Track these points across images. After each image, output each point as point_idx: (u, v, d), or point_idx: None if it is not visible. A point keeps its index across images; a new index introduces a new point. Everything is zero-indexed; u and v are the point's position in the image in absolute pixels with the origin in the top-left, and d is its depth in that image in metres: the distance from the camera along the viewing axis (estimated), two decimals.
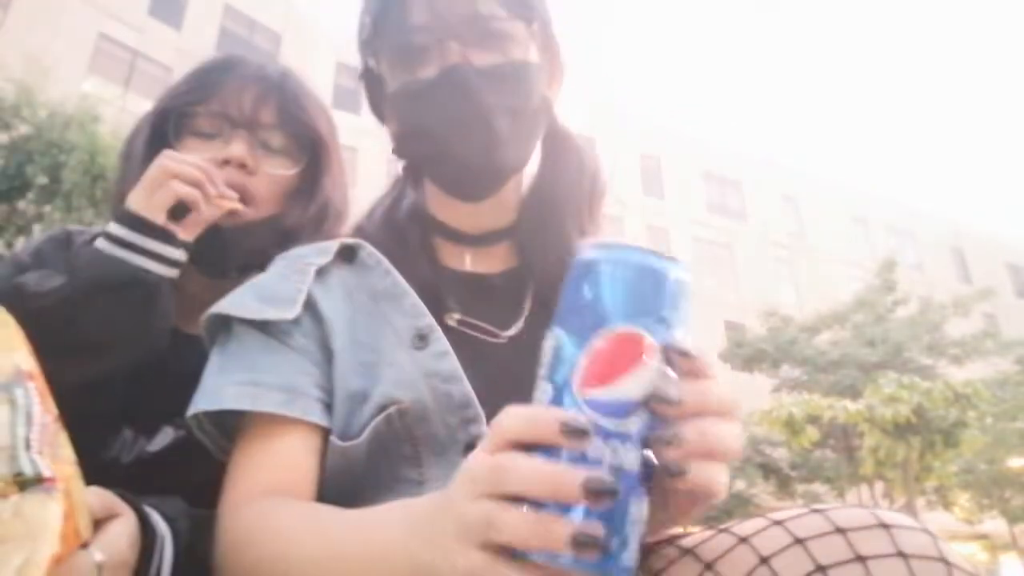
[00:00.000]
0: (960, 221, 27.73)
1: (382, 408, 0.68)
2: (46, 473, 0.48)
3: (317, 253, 0.79)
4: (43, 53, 9.42)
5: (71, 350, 0.78)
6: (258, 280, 0.78)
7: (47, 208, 7.57)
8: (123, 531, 0.59)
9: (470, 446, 0.67)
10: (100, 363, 0.83)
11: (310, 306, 0.74)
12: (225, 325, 0.75)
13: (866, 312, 14.76)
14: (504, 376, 0.70)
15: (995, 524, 15.77)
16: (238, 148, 0.93)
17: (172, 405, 0.89)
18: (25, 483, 0.47)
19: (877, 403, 10.51)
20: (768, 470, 14.25)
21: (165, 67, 14.87)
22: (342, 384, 0.71)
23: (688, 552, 0.41)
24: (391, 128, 0.83)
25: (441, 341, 0.70)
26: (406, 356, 0.70)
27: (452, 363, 0.69)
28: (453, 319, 0.76)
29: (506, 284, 0.81)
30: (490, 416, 0.67)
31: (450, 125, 0.74)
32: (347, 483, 0.71)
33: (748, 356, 15.04)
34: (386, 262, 0.77)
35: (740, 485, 14.05)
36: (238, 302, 0.75)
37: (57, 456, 0.51)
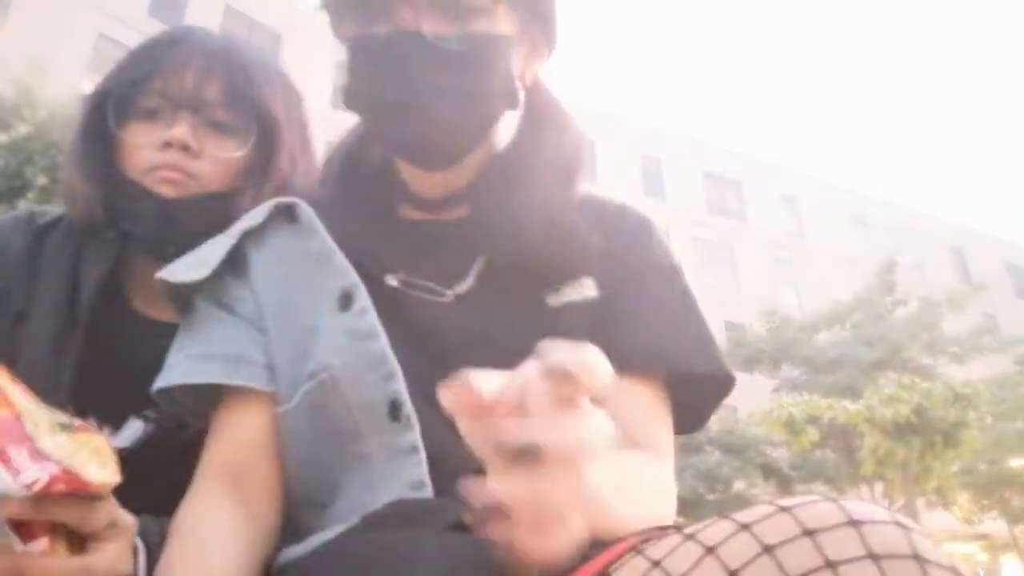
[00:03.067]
0: (960, 221, 27.76)
1: (314, 375, 0.67)
2: (77, 422, 0.53)
3: (250, 217, 0.77)
4: (43, 53, 9.42)
5: None
6: (200, 247, 0.77)
7: (47, 208, 7.57)
8: (131, 540, 0.60)
9: (393, 405, 0.64)
10: None
11: (247, 269, 0.74)
12: (188, 300, 0.75)
13: (865, 312, 14.76)
14: (442, 341, 0.69)
15: (995, 524, 15.77)
16: (180, 130, 0.87)
17: (138, 393, 0.87)
18: (65, 427, 0.52)
19: (877, 403, 10.51)
20: (768, 470, 14.24)
21: None
22: (280, 351, 0.70)
23: (656, 565, 0.40)
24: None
25: (363, 299, 0.68)
26: (334, 319, 0.68)
27: (371, 320, 0.67)
28: (395, 280, 0.72)
29: (456, 231, 0.75)
30: (423, 378, 0.63)
31: (389, 99, 0.68)
32: (296, 458, 0.70)
33: (748, 356, 15.02)
34: (316, 221, 0.73)
35: (740, 486, 14.05)
36: (170, 268, 0.74)
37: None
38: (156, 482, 0.85)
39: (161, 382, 0.72)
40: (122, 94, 0.90)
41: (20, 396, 0.52)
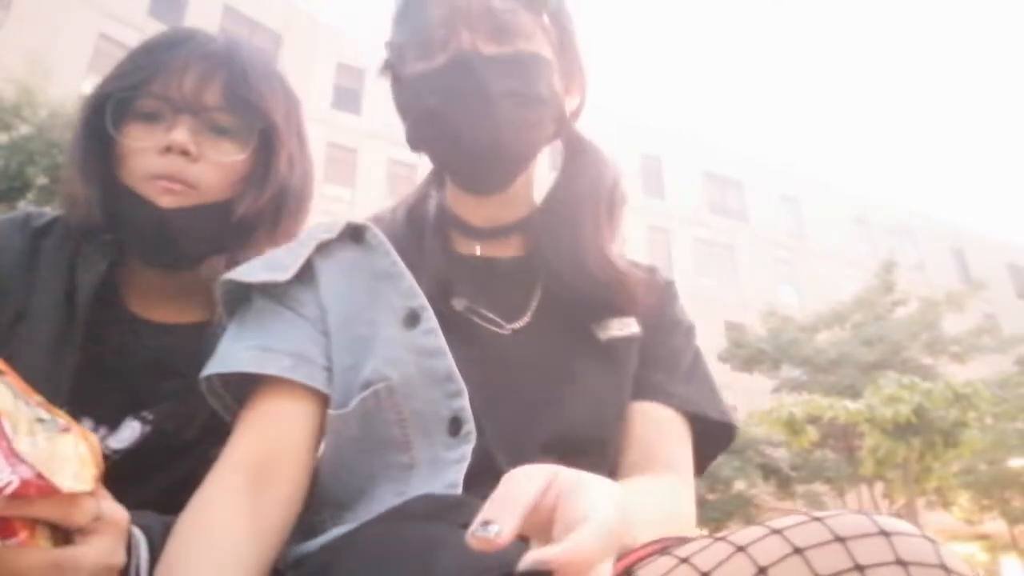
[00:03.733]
0: (960, 221, 27.81)
1: (370, 384, 0.70)
2: (61, 421, 0.53)
3: (324, 230, 0.83)
4: (43, 53, 9.43)
5: None
6: (268, 253, 0.83)
7: (47, 208, 7.57)
8: (123, 534, 0.60)
9: (454, 421, 0.69)
10: None
11: (313, 277, 0.79)
12: (244, 296, 0.79)
13: (865, 312, 14.77)
14: (504, 368, 0.74)
15: (995, 525, 15.77)
16: (180, 134, 0.86)
17: (135, 395, 0.89)
18: (48, 425, 0.51)
19: (877, 403, 10.51)
20: (768, 470, 14.24)
21: None
22: (338, 358, 0.74)
23: (684, 561, 0.41)
24: (407, 120, 0.84)
25: (431, 320, 0.73)
26: (398, 334, 0.73)
27: (438, 340, 0.71)
28: (461, 304, 0.78)
29: (515, 269, 0.83)
30: (485, 398, 0.70)
31: (455, 108, 0.76)
32: (336, 462, 0.73)
33: (748, 356, 15.03)
34: (387, 244, 0.80)
35: (740, 486, 14.05)
36: (244, 270, 0.79)
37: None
38: (153, 483, 0.86)
39: (218, 368, 0.73)
40: (121, 97, 0.89)
41: (5, 394, 0.51)
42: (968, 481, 13.87)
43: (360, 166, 16.85)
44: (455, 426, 0.69)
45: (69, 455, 0.52)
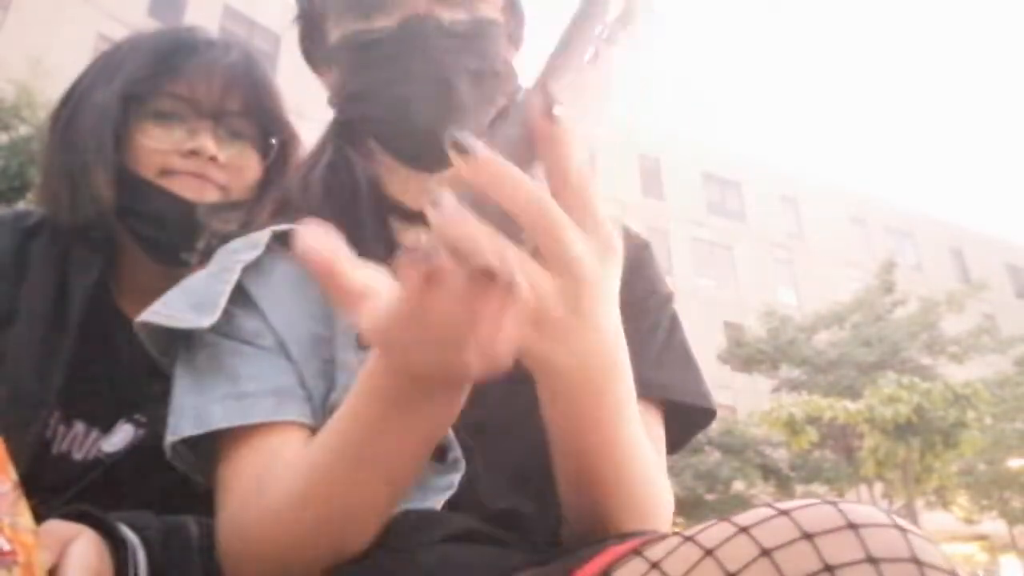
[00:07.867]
0: (959, 221, 27.78)
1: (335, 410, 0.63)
2: (5, 547, 0.46)
3: (247, 247, 0.70)
4: (43, 53, 9.41)
5: None
6: (187, 282, 0.70)
7: (32, 209, 7.56)
8: (87, 548, 0.58)
9: (439, 447, 0.63)
10: None
11: (253, 305, 0.67)
12: (184, 337, 0.67)
13: (865, 312, 14.78)
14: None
15: (995, 525, 15.78)
16: (207, 141, 0.88)
17: (127, 396, 0.89)
18: None
19: (877, 403, 10.52)
20: (768, 471, 14.23)
21: None
22: (314, 384, 0.67)
23: (655, 567, 0.40)
24: (331, 81, 0.75)
25: None
26: (353, 357, 0.64)
27: None
28: None
29: None
30: (460, 422, 0.64)
31: (407, 83, 0.67)
32: None
33: (747, 356, 15.04)
34: None
35: (739, 486, 14.04)
36: (166, 311, 0.67)
37: (16, 525, 0.48)
38: (152, 485, 0.85)
39: (194, 429, 0.63)
40: (139, 93, 0.89)
41: None
42: (967, 481, 13.88)
43: None
44: (440, 452, 0.62)
45: None
